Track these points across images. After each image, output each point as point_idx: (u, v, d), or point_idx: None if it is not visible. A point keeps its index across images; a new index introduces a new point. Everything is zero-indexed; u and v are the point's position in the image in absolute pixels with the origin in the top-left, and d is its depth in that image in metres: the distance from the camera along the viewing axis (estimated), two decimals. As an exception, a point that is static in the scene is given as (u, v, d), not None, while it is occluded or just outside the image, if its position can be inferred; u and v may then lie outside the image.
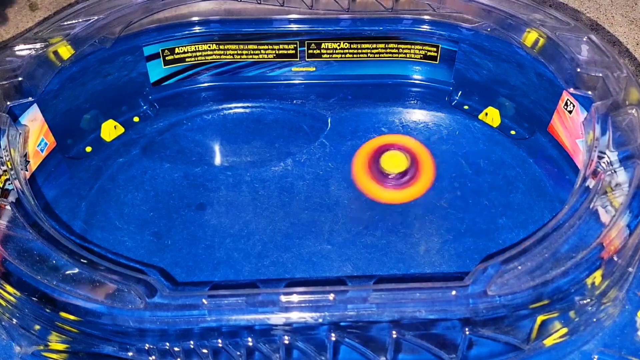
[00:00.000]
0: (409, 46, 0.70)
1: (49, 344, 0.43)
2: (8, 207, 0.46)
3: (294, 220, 0.60)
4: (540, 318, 0.42)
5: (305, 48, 0.70)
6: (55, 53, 0.60)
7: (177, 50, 0.69)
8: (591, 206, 0.45)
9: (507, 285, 0.41)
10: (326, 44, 0.70)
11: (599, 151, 0.49)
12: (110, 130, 0.67)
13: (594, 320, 0.45)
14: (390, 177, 0.60)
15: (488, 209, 0.61)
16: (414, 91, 0.72)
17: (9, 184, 0.48)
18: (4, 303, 0.43)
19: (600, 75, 0.55)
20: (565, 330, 0.44)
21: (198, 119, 0.70)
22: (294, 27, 0.69)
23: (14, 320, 0.44)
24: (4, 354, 0.45)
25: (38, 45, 0.59)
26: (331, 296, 0.40)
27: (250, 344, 0.41)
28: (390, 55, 0.71)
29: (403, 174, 0.60)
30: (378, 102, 0.71)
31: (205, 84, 0.72)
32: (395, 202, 0.60)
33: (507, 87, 0.67)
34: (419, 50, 0.71)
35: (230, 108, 0.71)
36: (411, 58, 0.71)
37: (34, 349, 0.44)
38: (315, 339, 0.41)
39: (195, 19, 0.68)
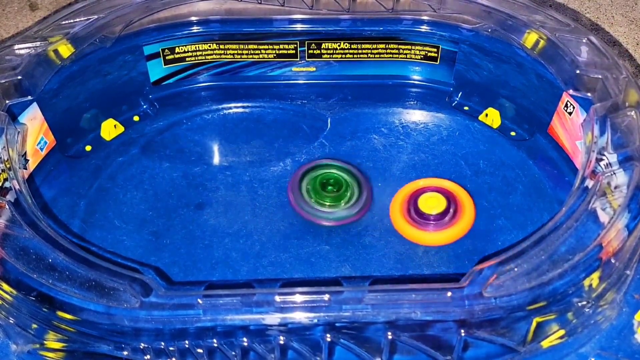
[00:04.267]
0: (409, 47, 0.70)
1: (45, 342, 0.44)
2: (6, 206, 0.46)
3: (293, 220, 0.60)
4: (536, 320, 0.42)
5: (306, 48, 0.70)
6: (55, 52, 0.60)
7: (177, 50, 0.69)
8: (589, 207, 0.45)
9: (504, 287, 0.41)
10: (326, 44, 0.70)
11: (598, 153, 0.49)
12: (110, 129, 0.68)
13: (591, 322, 0.45)
14: (430, 218, 0.58)
15: (487, 210, 0.61)
16: (414, 92, 0.72)
17: (7, 183, 0.48)
18: (0, 302, 0.43)
19: (600, 76, 0.55)
20: (562, 332, 0.44)
21: (198, 118, 0.70)
22: (295, 27, 0.69)
23: (11, 319, 0.44)
24: (0, 353, 0.45)
25: (38, 44, 0.59)
26: (326, 297, 0.40)
27: (245, 344, 0.41)
28: (391, 55, 0.71)
29: (442, 214, 0.58)
30: (378, 102, 0.71)
31: (205, 84, 0.72)
32: (437, 244, 0.58)
33: (507, 88, 0.67)
34: (419, 50, 0.70)
35: (230, 108, 0.71)
36: (411, 58, 0.71)
37: (30, 347, 0.44)
38: (311, 340, 0.41)
39: (195, 18, 0.68)
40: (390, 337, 0.41)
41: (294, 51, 0.71)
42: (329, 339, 0.41)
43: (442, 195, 0.59)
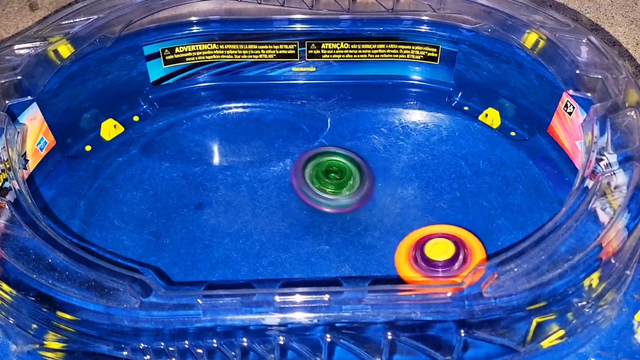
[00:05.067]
0: (409, 47, 0.70)
1: (45, 342, 0.44)
2: (6, 206, 0.46)
3: (293, 220, 0.60)
4: (536, 320, 0.42)
5: (306, 48, 0.70)
6: (55, 52, 0.60)
7: (177, 50, 0.69)
8: (589, 207, 0.45)
9: (503, 287, 0.41)
10: (326, 44, 0.70)
11: (598, 153, 0.49)
12: (110, 129, 0.68)
13: (591, 322, 0.45)
14: (438, 266, 0.53)
15: (487, 210, 0.61)
16: (414, 92, 0.72)
17: (7, 183, 0.48)
18: (0, 302, 0.43)
19: (600, 77, 0.55)
20: (562, 332, 0.44)
21: (198, 118, 0.70)
22: (294, 27, 0.69)
23: (11, 319, 0.44)
24: (0, 353, 0.45)
25: (38, 44, 0.59)
26: (326, 297, 0.40)
27: (245, 344, 0.41)
28: (391, 55, 0.71)
29: (451, 261, 0.54)
30: (378, 102, 0.71)
31: (205, 84, 0.72)
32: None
33: (507, 89, 0.67)
34: (419, 50, 0.70)
35: (230, 108, 0.71)
36: (411, 59, 0.71)
37: (30, 347, 0.44)
38: (310, 340, 0.41)
39: (195, 18, 0.69)
40: (390, 337, 0.41)
41: (293, 51, 0.71)
42: (329, 339, 0.41)
43: (450, 240, 0.55)
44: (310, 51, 0.71)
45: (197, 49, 0.70)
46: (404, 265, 0.54)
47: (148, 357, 0.42)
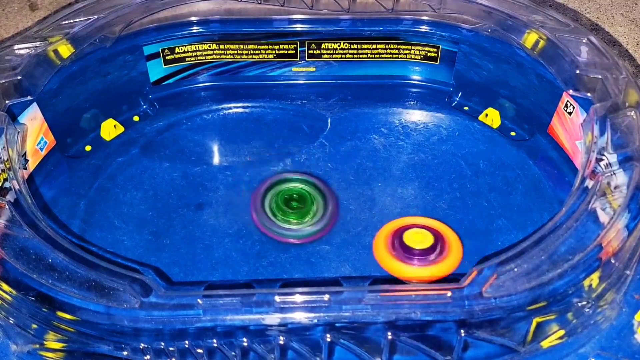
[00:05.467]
0: (409, 47, 0.70)
1: (45, 342, 0.43)
2: (6, 206, 0.46)
3: (293, 220, 0.60)
4: (536, 320, 0.42)
5: (306, 48, 0.70)
6: (55, 52, 0.60)
7: (177, 50, 0.69)
8: (589, 207, 0.45)
9: (503, 287, 0.41)
10: (326, 44, 0.70)
11: (598, 153, 0.49)
12: (110, 129, 0.68)
13: (591, 322, 0.45)
14: (416, 254, 0.55)
15: (487, 210, 0.61)
16: (414, 92, 0.72)
17: (7, 183, 0.48)
18: (0, 302, 0.43)
19: (600, 77, 0.55)
20: (562, 332, 0.44)
21: (198, 118, 0.70)
22: (294, 27, 0.69)
23: (11, 319, 0.44)
24: (0, 353, 0.45)
25: (38, 44, 0.59)
26: (326, 297, 0.40)
27: (245, 344, 0.41)
28: (391, 55, 0.71)
29: (429, 250, 0.54)
30: (378, 102, 0.71)
31: (205, 84, 0.72)
32: (422, 280, 0.54)
33: (507, 89, 0.67)
34: (419, 50, 0.70)
35: (230, 108, 0.71)
36: (411, 59, 0.71)
37: (30, 347, 0.44)
38: (310, 340, 0.41)
39: (195, 18, 0.69)
40: (390, 337, 0.40)
41: (294, 51, 0.71)
42: (329, 339, 0.41)
43: (429, 232, 0.56)
44: (310, 51, 0.71)
45: (197, 49, 0.70)
46: (382, 249, 0.56)
47: (148, 357, 0.42)
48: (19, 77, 0.57)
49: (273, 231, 0.58)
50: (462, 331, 0.41)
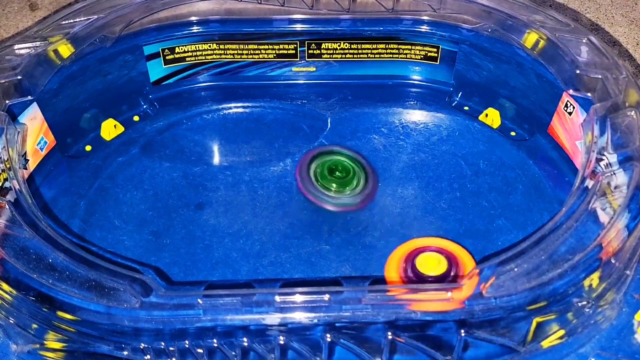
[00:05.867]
0: (409, 47, 0.70)
1: (45, 342, 0.44)
2: (6, 206, 0.46)
3: (293, 220, 0.60)
4: (536, 320, 0.42)
5: (306, 48, 0.70)
6: (55, 52, 0.60)
7: (177, 50, 0.69)
8: (589, 207, 0.45)
9: (503, 287, 0.41)
10: (326, 44, 0.70)
11: (598, 153, 0.49)
12: (110, 129, 0.68)
13: (591, 322, 0.45)
14: (428, 281, 0.52)
15: (487, 210, 0.61)
16: (414, 92, 0.72)
17: (7, 183, 0.48)
18: (0, 302, 0.43)
19: (600, 76, 0.55)
20: (562, 332, 0.44)
21: (198, 118, 0.70)
22: (294, 27, 0.69)
23: (11, 319, 0.44)
24: (0, 352, 0.45)
25: (38, 44, 0.59)
26: (326, 297, 0.40)
27: (246, 344, 0.41)
28: (391, 55, 0.71)
29: (443, 276, 0.52)
30: (378, 102, 0.71)
31: (205, 84, 0.72)
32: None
33: (507, 89, 0.67)
34: (420, 50, 0.70)
35: (230, 108, 0.71)
36: (411, 58, 0.71)
37: (30, 347, 0.44)
38: (311, 340, 0.41)
39: (195, 18, 0.69)
40: (390, 337, 0.41)
41: (294, 51, 0.71)
42: (329, 339, 0.41)
43: (442, 256, 0.54)
44: (310, 51, 0.71)
45: (197, 49, 0.70)
46: (394, 275, 0.54)
47: (148, 357, 0.42)
48: (19, 77, 0.57)
49: (313, 194, 0.61)
50: (462, 331, 0.41)
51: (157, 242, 0.58)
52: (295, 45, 0.70)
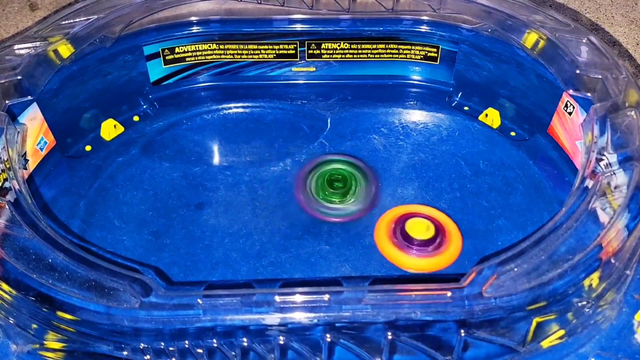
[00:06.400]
0: (409, 47, 0.70)
1: (45, 342, 0.44)
2: (6, 206, 0.46)
3: (293, 220, 0.60)
4: (536, 320, 0.42)
5: (306, 48, 0.70)
6: (55, 52, 0.60)
7: (177, 50, 0.69)
8: (589, 207, 0.45)
9: (503, 287, 0.41)
10: (326, 44, 0.70)
11: (598, 153, 0.49)
12: (110, 129, 0.68)
13: (591, 322, 0.45)
14: (415, 244, 0.56)
15: (487, 210, 0.61)
16: (414, 92, 0.72)
17: (7, 183, 0.48)
18: (0, 302, 0.43)
19: (600, 77, 0.55)
20: (562, 332, 0.44)
21: (198, 118, 0.70)
22: (294, 27, 0.69)
23: (11, 319, 0.44)
24: (0, 353, 0.45)
25: (38, 44, 0.59)
26: (326, 297, 0.40)
27: (245, 344, 0.41)
28: (391, 55, 0.71)
29: (429, 241, 0.56)
30: (378, 102, 0.71)
31: (205, 84, 0.72)
32: (421, 271, 0.56)
33: (507, 89, 0.67)
34: (419, 50, 0.70)
35: (230, 108, 0.71)
36: (411, 59, 0.71)
37: (30, 347, 0.44)
38: (310, 340, 0.41)
39: (195, 18, 0.69)
40: (390, 337, 0.41)
41: (294, 51, 0.71)
42: (329, 339, 0.41)
43: (431, 222, 0.58)
44: (310, 51, 0.71)
45: (197, 49, 0.70)
46: (382, 235, 0.57)
47: (148, 357, 0.42)
48: (19, 77, 0.57)
49: (318, 211, 0.60)
50: (462, 331, 0.41)
51: (157, 242, 0.58)
52: (295, 46, 0.70)
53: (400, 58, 0.71)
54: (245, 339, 0.41)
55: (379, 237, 0.58)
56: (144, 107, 0.70)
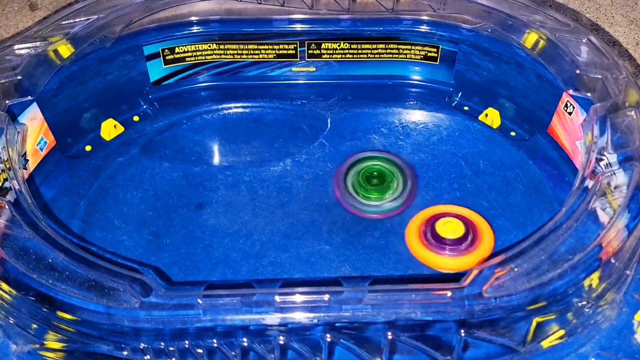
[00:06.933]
0: (409, 47, 0.70)
1: (45, 342, 0.44)
2: (6, 206, 0.46)
3: (293, 220, 0.60)
4: (536, 320, 0.42)
5: (306, 48, 0.70)
6: (55, 52, 0.60)
7: (177, 50, 0.69)
8: (589, 207, 0.45)
9: (503, 287, 0.41)
10: (326, 44, 0.70)
11: (598, 153, 0.49)
12: (110, 129, 0.68)
13: (591, 322, 0.45)
14: (447, 243, 0.56)
15: (487, 210, 0.60)
16: (414, 92, 0.72)
17: (7, 183, 0.48)
18: (0, 302, 0.43)
19: (600, 77, 0.55)
20: (562, 332, 0.44)
21: (198, 118, 0.70)
22: (294, 27, 0.69)
23: (11, 319, 0.44)
24: (0, 352, 0.45)
25: (38, 44, 0.59)
26: (326, 297, 0.40)
27: (245, 344, 0.41)
28: (391, 55, 0.71)
29: (460, 240, 0.56)
30: (378, 102, 0.71)
31: (205, 84, 0.72)
32: (453, 270, 0.56)
33: (507, 89, 0.67)
34: (419, 50, 0.70)
35: (230, 108, 0.71)
36: (411, 59, 0.71)
37: (30, 347, 0.44)
38: (311, 340, 0.41)
39: (195, 18, 0.69)
40: (390, 337, 0.41)
41: (294, 51, 0.71)
42: (329, 339, 0.41)
43: (461, 221, 0.57)
44: (310, 51, 0.71)
45: (197, 49, 0.70)
46: (414, 238, 0.57)
47: (148, 357, 0.42)
48: (19, 77, 0.57)
49: (356, 207, 0.60)
50: (462, 331, 0.41)
51: (157, 242, 0.58)
52: (295, 45, 0.70)
53: (400, 58, 0.71)
54: (245, 339, 0.41)
55: (410, 241, 0.57)
56: (144, 107, 0.70)
